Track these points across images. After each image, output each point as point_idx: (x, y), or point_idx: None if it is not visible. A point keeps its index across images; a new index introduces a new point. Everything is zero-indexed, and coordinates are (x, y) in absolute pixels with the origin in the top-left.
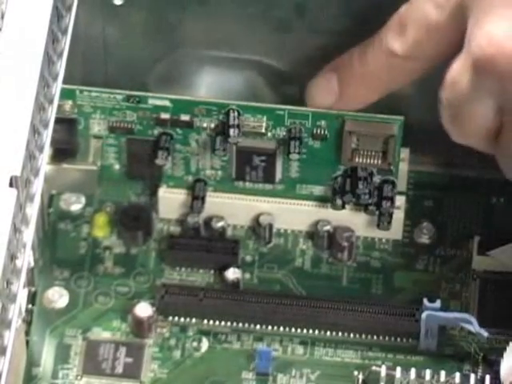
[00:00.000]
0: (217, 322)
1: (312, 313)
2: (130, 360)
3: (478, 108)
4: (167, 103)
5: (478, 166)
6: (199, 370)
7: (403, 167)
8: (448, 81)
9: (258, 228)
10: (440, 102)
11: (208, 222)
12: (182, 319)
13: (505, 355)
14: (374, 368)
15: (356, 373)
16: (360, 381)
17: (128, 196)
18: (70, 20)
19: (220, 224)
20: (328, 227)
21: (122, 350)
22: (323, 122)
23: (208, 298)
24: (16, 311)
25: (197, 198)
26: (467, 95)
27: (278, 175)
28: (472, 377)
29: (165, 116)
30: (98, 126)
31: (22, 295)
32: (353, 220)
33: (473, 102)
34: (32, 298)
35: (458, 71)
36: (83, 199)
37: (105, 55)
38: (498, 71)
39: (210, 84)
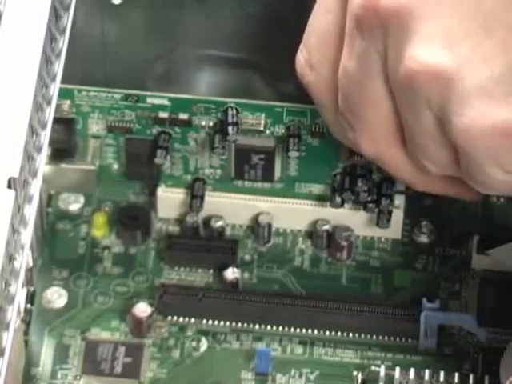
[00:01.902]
0: (216, 322)
1: (311, 312)
2: (129, 360)
3: (373, 87)
4: (165, 102)
5: None
6: (198, 370)
7: None
8: (340, 73)
9: (256, 227)
10: (340, 115)
11: (207, 221)
12: (181, 319)
13: (504, 355)
14: (373, 368)
15: (355, 373)
16: (359, 381)
17: (127, 195)
18: (69, 20)
19: (219, 223)
20: (327, 226)
21: (121, 350)
22: (322, 120)
23: (207, 298)
24: (14, 313)
25: (196, 197)
26: (360, 73)
27: (277, 174)
28: (471, 376)
29: (163, 115)
30: (96, 126)
31: (21, 295)
32: (352, 219)
33: (366, 80)
34: (31, 298)
35: (345, 55)
36: (82, 199)
37: (104, 54)
38: (380, 20)
39: (208, 82)
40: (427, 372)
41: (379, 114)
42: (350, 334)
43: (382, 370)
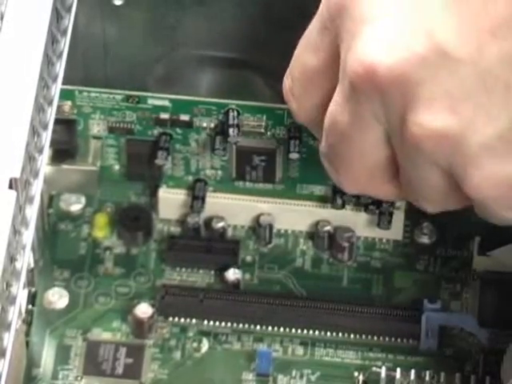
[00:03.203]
0: (217, 323)
1: (312, 313)
2: (130, 361)
3: (365, 141)
4: (166, 103)
5: None
6: (199, 371)
7: None
8: (328, 123)
9: (258, 228)
10: (322, 154)
11: (208, 222)
12: (183, 320)
13: (505, 356)
14: (374, 369)
15: (356, 374)
16: (360, 382)
17: (128, 196)
18: (70, 21)
19: (220, 224)
20: (328, 227)
21: (122, 351)
22: None
23: (208, 299)
24: (16, 313)
25: (197, 198)
26: (351, 129)
27: (278, 175)
28: (472, 378)
29: (164, 116)
30: (97, 127)
31: (22, 296)
32: (353, 220)
33: (358, 136)
34: (32, 299)
35: (337, 108)
36: (83, 200)
37: (105, 55)
38: (378, 88)
39: (209, 83)
40: (428, 373)
41: (366, 163)
42: (351, 335)
43: (383, 371)
